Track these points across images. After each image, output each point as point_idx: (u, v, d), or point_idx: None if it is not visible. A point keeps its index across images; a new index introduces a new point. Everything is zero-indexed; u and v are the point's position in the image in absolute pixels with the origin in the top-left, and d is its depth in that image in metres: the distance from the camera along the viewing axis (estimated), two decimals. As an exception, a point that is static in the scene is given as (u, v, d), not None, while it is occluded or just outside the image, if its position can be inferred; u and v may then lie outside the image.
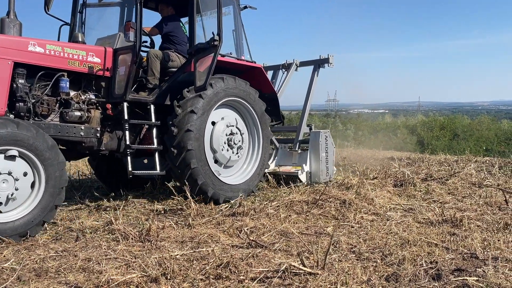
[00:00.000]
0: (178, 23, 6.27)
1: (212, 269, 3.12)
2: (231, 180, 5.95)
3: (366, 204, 5.23)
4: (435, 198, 5.72)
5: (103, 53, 5.31)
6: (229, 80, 5.89)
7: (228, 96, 5.87)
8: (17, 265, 3.24)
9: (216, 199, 5.55)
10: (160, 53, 5.82)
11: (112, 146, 5.41)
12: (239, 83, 6.01)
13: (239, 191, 5.81)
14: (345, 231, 4.29)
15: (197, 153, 5.40)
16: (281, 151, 7.53)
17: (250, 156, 6.33)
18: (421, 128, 32.20)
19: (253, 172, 6.21)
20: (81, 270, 3.16)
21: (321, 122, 40.60)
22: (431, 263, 3.26)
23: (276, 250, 3.65)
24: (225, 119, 5.91)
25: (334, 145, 7.32)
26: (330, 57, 7.75)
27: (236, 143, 5.99)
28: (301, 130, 7.48)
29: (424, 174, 7.22)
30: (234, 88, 5.93)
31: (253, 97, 6.20)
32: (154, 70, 5.68)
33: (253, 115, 6.24)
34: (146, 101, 5.51)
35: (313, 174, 6.96)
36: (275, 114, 7.10)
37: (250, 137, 6.34)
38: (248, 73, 6.50)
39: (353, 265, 3.26)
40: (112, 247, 3.72)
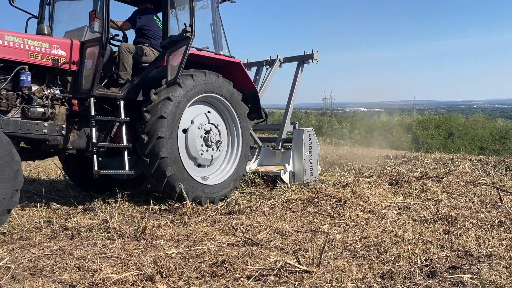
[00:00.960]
0: (152, 16, 6.02)
1: (207, 267, 3.12)
2: (212, 180, 5.74)
3: (361, 202, 5.24)
4: (430, 196, 5.75)
5: (69, 45, 5.02)
6: (199, 76, 5.55)
7: (201, 93, 5.56)
8: (11, 263, 3.22)
9: (198, 202, 5.34)
10: (132, 47, 5.57)
11: (80, 144, 5.09)
12: (209, 78, 5.66)
13: (222, 190, 5.65)
14: (340, 229, 4.30)
15: (172, 159, 5.14)
16: (264, 150, 7.29)
17: (230, 153, 6.08)
18: (417, 126, 32.35)
19: (233, 170, 5.96)
20: (76, 269, 3.15)
21: (317, 120, 40.71)
22: (426, 261, 3.27)
23: (271, 248, 3.66)
24: (196, 121, 5.60)
25: (318, 144, 7.14)
26: (315, 53, 7.53)
27: (213, 140, 5.73)
28: (284, 128, 7.24)
29: (419, 172, 7.25)
30: (205, 84, 5.60)
31: (227, 91, 5.87)
32: (125, 64, 5.42)
33: (230, 108, 5.95)
34: (115, 96, 5.21)
35: (296, 174, 6.77)
36: (256, 111, 6.81)
37: (229, 133, 6.07)
38: (227, 68, 6.22)
39: (348, 262, 3.27)
40: (107, 245, 3.71)
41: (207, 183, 5.60)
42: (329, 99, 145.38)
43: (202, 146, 5.62)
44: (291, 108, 7.60)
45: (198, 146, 5.58)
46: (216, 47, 6.33)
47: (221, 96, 5.81)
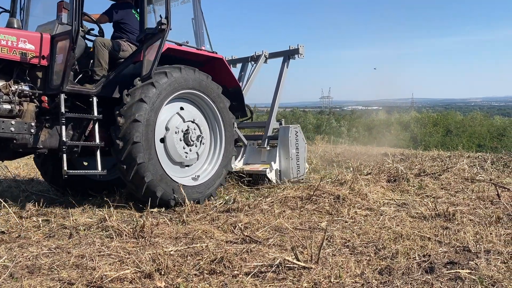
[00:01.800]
0: (130, 10, 5.79)
1: (206, 265, 3.12)
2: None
3: (360, 200, 5.25)
4: (428, 193, 5.75)
5: (39, 39, 4.79)
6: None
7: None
8: (9, 262, 3.22)
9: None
10: (108, 42, 5.37)
11: (52, 143, 4.84)
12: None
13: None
14: (339, 226, 4.30)
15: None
16: (250, 149, 7.09)
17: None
18: (415, 124, 32.40)
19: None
20: (75, 267, 3.15)
21: (316, 119, 40.70)
22: (424, 257, 3.28)
23: (270, 245, 3.66)
24: (171, 127, 5.35)
25: (305, 141, 6.96)
26: (300, 48, 7.31)
27: (193, 140, 5.51)
28: (270, 125, 7.03)
29: (417, 169, 7.26)
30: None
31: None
32: (101, 60, 5.21)
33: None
34: (87, 93, 4.98)
35: (283, 172, 6.60)
36: (240, 109, 6.59)
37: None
38: (209, 65, 6.03)
39: (346, 259, 3.28)
40: (105, 243, 3.71)
41: (190, 183, 5.39)
42: (327, 97, 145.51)
43: (185, 148, 5.45)
44: (277, 105, 7.41)
45: (180, 150, 5.40)
46: (198, 42, 6.13)
47: (199, 91, 5.58)
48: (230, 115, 6.02)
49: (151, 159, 4.94)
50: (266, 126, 7.11)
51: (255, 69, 7.61)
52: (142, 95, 4.95)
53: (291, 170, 6.56)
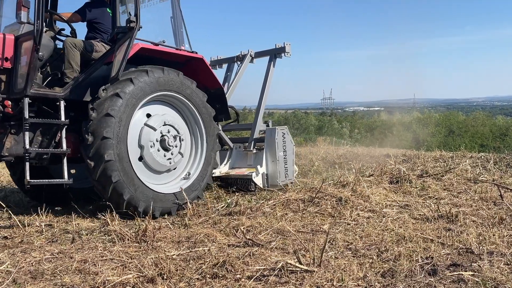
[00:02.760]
0: (105, 9, 5.51)
1: (208, 269, 3.12)
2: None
3: (362, 201, 5.24)
4: (431, 194, 5.74)
5: (1, 40, 4.57)
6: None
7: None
8: (12, 267, 3.22)
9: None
10: (79, 43, 5.10)
11: (18, 151, 4.57)
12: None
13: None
14: (341, 228, 4.29)
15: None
16: (236, 152, 6.80)
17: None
18: (417, 125, 32.36)
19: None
20: (77, 272, 3.15)
21: (317, 120, 40.74)
22: (427, 259, 3.27)
23: (272, 249, 3.65)
24: (153, 120, 5.14)
25: (293, 143, 6.67)
26: (287, 46, 7.05)
27: (171, 144, 5.22)
28: (256, 127, 6.73)
29: (419, 170, 7.24)
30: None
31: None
32: (71, 62, 4.95)
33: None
34: (54, 96, 4.70)
35: (270, 176, 6.33)
36: (223, 112, 6.31)
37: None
38: (189, 66, 5.77)
39: (349, 262, 3.27)
40: (108, 248, 3.71)
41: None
42: (329, 98, 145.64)
43: (159, 150, 5.17)
44: (263, 106, 7.09)
45: (162, 160, 5.18)
46: (177, 41, 5.85)
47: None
48: (215, 127, 5.82)
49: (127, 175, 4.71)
50: (252, 128, 6.84)
51: (240, 69, 7.35)
52: (118, 90, 4.74)
53: (279, 174, 6.31)
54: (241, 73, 7.34)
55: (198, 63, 5.84)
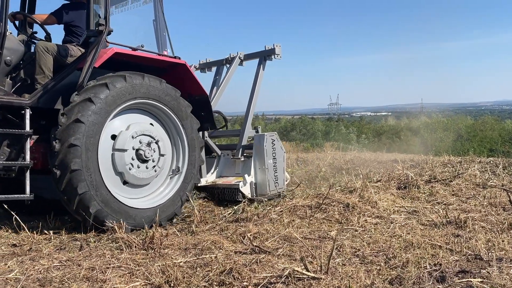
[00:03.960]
0: (82, 12, 5.14)
1: (215, 276, 3.12)
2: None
3: (369, 207, 5.21)
4: (439, 199, 5.70)
5: None
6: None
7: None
8: (21, 275, 3.24)
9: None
10: (52, 46, 4.82)
11: None
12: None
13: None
14: (348, 234, 4.27)
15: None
16: (224, 160, 6.49)
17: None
18: (424, 129, 32.19)
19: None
20: (85, 279, 3.17)
21: (324, 126, 40.67)
22: (435, 265, 3.24)
23: (279, 255, 3.65)
24: (131, 129, 4.80)
25: (283, 150, 6.37)
26: (277, 47, 6.75)
27: (148, 156, 4.89)
28: (244, 134, 6.43)
29: (427, 176, 7.20)
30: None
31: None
32: (43, 67, 4.70)
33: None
34: (20, 104, 4.42)
35: (259, 186, 6.02)
36: (208, 120, 6.00)
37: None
38: (172, 72, 5.50)
39: (356, 269, 3.25)
40: (115, 255, 3.73)
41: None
42: (336, 104, 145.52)
43: (133, 159, 4.84)
44: (252, 111, 6.79)
45: (127, 157, 4.78)
46: (159, 46, 5.58)
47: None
48: (199, 141, 5.53)
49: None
50: (240, 134, 6.52)
51: (228, 72, 7.07)
52: (91, 95, 4.40)
53: (268, 183, 5.99)
54: (229, 76, 7.05)
55: (181, 69, 5.54)
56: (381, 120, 52.58)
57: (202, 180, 6.08)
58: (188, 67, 5.59)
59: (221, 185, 6.06)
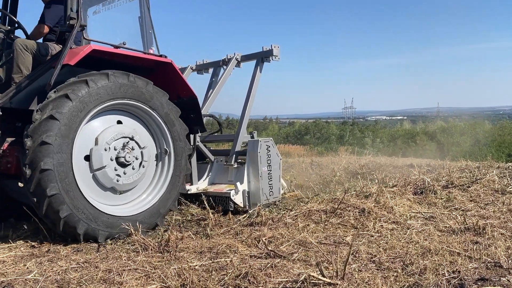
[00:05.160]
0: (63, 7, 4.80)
1: (231, 280, 3.12)
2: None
3: (385, 213, 5.16)
4: (457, 205, 5.61)
5: None
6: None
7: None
8: (40, 276, 3.30)
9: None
10: (32, 44, 4.63)
11: None
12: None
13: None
14: (364, 240, 4.24)
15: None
16: (217, 166, 6.21)
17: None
18: (441, 134, 31.75)
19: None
20: (102, 281, 3.20)
21: (339, 129, 40.45)
22: (454, 273, 3.19)
23: (294, 260, 3.63)
24: (100, 142, 4.47)
25: (279, 157, 6.05)
26: (275, 48, 6.50)
27: (129, 159, 4.64)
28: (238, 139, 6.13)
29: (444, 181, 7.09)
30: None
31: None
32: (21, 65, 4.51)
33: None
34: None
35: (253, 194, 5.73)
36: (198, 123, 5.73)
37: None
38: (159, 72, 5.26)
39: (373, 275, 3.22)
40: (132, 258, 3.76)
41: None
42: (350, 107, 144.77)
43: (111, 159, 4.56)
44: (248, 115, 6.48)
45: (105, 159, 4.51)
46: (145, 44, 5.33)
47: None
48: (182, 126, 5.17)
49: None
50: (234, 139, 6.20)
51: (224, 73, 6.84)
52: (53, 111, 4.05)
53: (262, 192, 5.70)
54: (224, 78, 6.79)
55: (167, 68, 5.26)
56: (396, 124, 52.04)
57: (193, 187, 5.84)
58: (175, 66, 5.32)
59: (212, 193, 5.76)
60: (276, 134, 43.48)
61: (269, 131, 45.68)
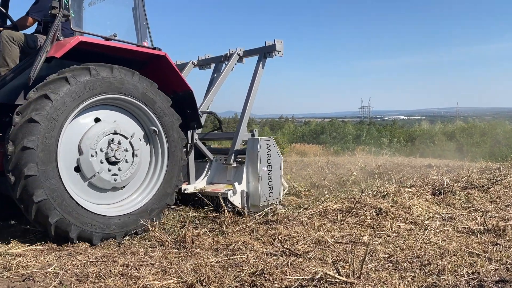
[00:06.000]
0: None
1: (246, 276, 3.13)
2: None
3: (403, 213, 5.10)
4: (476, 206, 5.51)
5: None
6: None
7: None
8: (59, 269, 3.36)
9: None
10: (19, 36, 4.45)
11: None
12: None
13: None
14: (381, 240, 4.20)
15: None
16: (216, 165, 6.02)
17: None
18: (460, 134, 31.23)
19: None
20: (120, 276, 3.25)
21: (355, 129, 40.13)
22: (473, 274, 3.14)
23: (310, 259, 3.62)
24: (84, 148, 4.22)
25: (280, 156, 5.79)
26: (278, 43, 6.21)
27: (120, 156, 4.43)
28: (238, 137, 5.90)
29: (464, 182, 6.97)
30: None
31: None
32: (7, 58, 4.34)
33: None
34: None
35: (252, 195, 5.52)
36: (194, 118, 5.51)
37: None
38: (153, 65, 5.06)
39: (390, 274, 3.19)
40: (149, 253, 3.80)
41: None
42: (367, 107, 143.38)
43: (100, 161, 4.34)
44: (249, 112, 6.21)
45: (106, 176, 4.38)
46: (138, 37, 5.11)
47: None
48: (174, 116, 4.92)
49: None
50: (234, 137, 5.96)
51: (225, 69, 6.61)
52: (33, 113, 3.83)
53: (261, 193, 5.47)
54: (225, 74, 6.56)
55: (161, 61, 5.04)
56: (414, 124, 51.36)
57: (190, 187, 5.69)
58: (169, 59, 5.06)
59: (209, 193, 5.56)
60: (292, 133, 43.35)
61: (284, 130, 45.61)
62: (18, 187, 3.81)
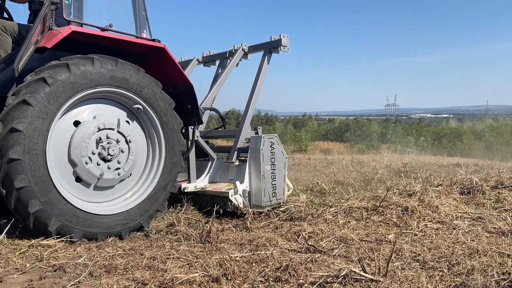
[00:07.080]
0: None
1: (271, 272, 3.14)
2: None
3: (430, 212, 5.01)
4: (507, 206, 5.35)
5: None
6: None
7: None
8: (89, 261, 3.45)
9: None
10: (11, 25, 4.27)
11: None
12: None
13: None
14: (407, 239, 4.14)
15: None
16: (218, 163, 5.82)
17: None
18: (490, 133, 30.37)
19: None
20: (147, 268, 3.31)
21: (381, 127, 39.54)
22: (503, 274, 3.05)
23: (335, 256, 3.60)
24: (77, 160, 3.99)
25: (285, 155, 5.58)
26: (283, 38, 6.00)
27: (114, 151, 4.19)
28: (241, 135, 5.69)
29: (494, 181, 6.78)
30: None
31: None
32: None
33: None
34: None
35: (254, 195, 5.32)
36: (195, 114, 5.29)
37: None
38: (151, 58, 4.86)
39: (417, 273, 3.14)
40: (175, 247, 3.87)
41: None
42: (393, 105, 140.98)
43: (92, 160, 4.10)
44: (253, 109, 5.99)
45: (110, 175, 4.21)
46: (137, 28, 4.91)
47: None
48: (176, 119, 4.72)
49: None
50: (236, 135, 5.75)
51: (229, 65, 6.40)
52: (26, 96, 3.62)
53: (264, 192, 5.27)
54: (229, 70, 6.35)
55: (160, 53, 4.80)
56: (442, 122, 50.20)
57: (191, 185, 5.49)
58: (168, 52, 4.82)
59: (210, 192, 5.41)
60: (316, 130, 43.06)
61: (308, 127, 45.38)
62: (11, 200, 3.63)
